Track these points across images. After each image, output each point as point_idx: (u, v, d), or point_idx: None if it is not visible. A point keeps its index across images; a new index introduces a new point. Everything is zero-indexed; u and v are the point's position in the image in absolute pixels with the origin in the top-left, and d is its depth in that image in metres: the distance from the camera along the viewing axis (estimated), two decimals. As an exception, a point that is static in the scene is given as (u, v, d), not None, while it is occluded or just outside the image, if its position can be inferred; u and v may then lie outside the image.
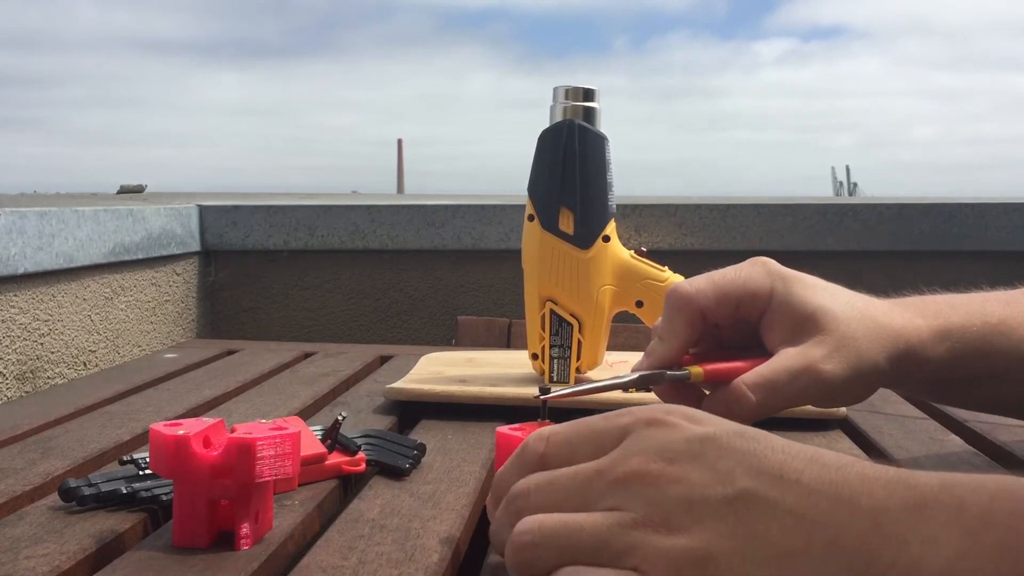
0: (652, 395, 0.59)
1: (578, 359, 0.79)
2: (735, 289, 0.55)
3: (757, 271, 0.56)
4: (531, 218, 0.79)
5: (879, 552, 0.31)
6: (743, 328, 0.57)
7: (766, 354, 0.55)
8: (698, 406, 0.54)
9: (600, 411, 0.65)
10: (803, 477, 0.34)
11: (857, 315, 0.54)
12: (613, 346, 0.85)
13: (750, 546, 0.33)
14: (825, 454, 0.35)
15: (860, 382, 0.54)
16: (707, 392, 0.56)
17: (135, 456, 0.55)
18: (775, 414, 0.54)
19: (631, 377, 0.55)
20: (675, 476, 0.35)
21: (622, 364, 0.85)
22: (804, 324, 0.54)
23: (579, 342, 0.79)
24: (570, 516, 0.36)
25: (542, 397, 0.51)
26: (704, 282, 0.56)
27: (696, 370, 0.55)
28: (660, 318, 0.57)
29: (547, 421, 0.49)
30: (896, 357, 0.54)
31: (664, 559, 0.34)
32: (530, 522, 0.37)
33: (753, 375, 0.53)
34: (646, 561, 0.34)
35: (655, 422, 0.38)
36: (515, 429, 0.50)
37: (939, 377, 0.57)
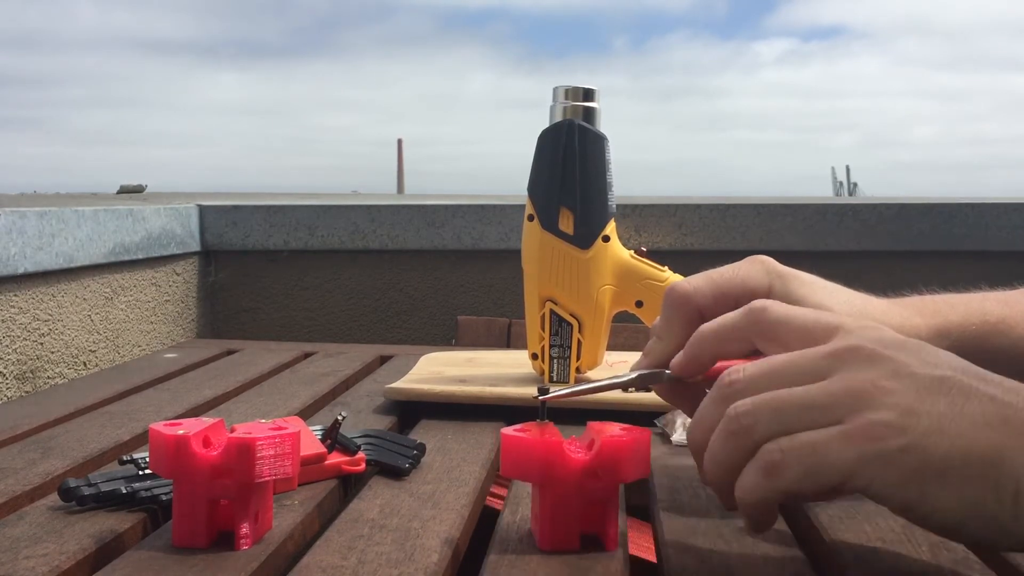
0: (652, 395, 0.59)
1: (578, 359, 0.79)
2: (733, 287, 0.56)
3: (756, 269, 0.56)
4: (531, 218, 0.79)
5: None
6: None
7: (767, 353, 0.55)
8: (697, 405, 0.54)
9: (600, 411, 0.65)
10: (1004, 382, 0.39)
11: (855, 313, 0.54)
12: (613, 346, 0.85)
13: (951, 411, 0.37)
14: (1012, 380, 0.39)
15: None
16: (708, 391, 0.56)
17: (135, 456, 0.55)
18: None
19: (630, 376, 0.55)
20: (889, 355, 0.39)
21: (622, 364, 0.85)
22: None
23: (579, 342, 0.79)
24: (779, 390, 0.40)
25: (541, 398, 0.51)
26: (702, 281, 0.56)
27: None
28: (658, 317, 0.57)
29: (547, 421, 0.49)
30: None
31: (867, 410, 0.37)
32: (743, 400, 0.41)
33: None
34: (850, 414, 0.37)
35: (864, 326, 0.42)
36: (519, 430, 0.50)
37: None
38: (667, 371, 0.55)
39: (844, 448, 0.37)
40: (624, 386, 0.54)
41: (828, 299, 0.54)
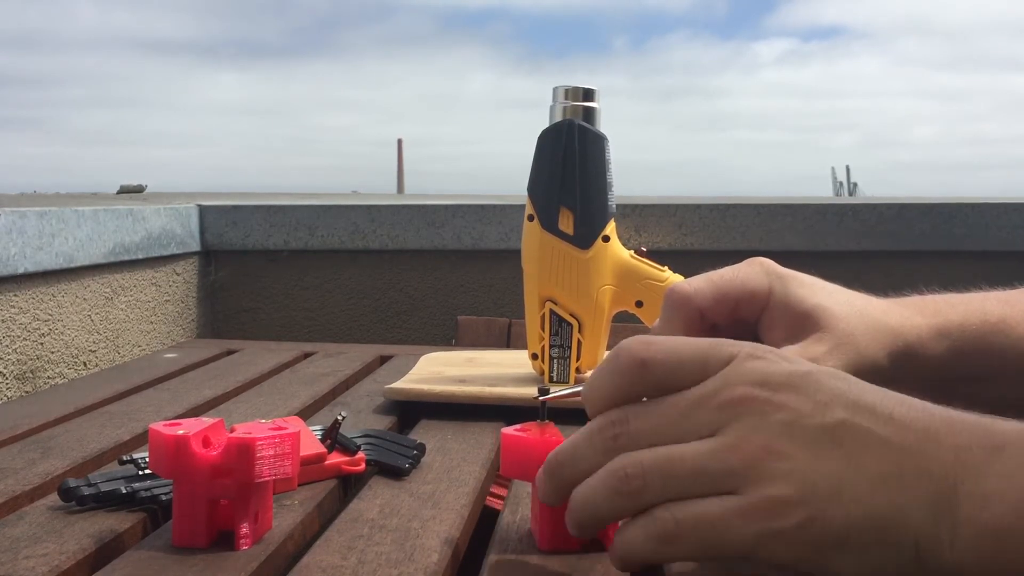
0: None
1: (578, 359, 0.79)
2: (733, 289, 0.56)
3: (755, 271, 0.56)
4: (531, 218, 0.79)
5: (960, 481, 0.34)
6: (743, 328, 0.57)
7: None
8: None
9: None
10: (895, 413, 0.37)
11: (856, 313, 0.54)
12: (613, 346, 0.84)
13: (846, 468, 0.35)
14: (912, 399, 0.38)
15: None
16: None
17: (135, 456, 0.55)
18: None
19: None
20: (779, 403, 0.37)
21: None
22: (803, 323, 0.54)
23: (579, 342, 0.79)
24: (670, 447, 0.38)
25: (541, 398, 0.51)
26: (702, 282, 0.56)
27: None
28: (658, 319, 0.57)
29: (548, 422, 0.49)
30: (895, 355, 0.55)
31: (762, 481, 0.36)
32: (635, 456, 0.38)
33: None
34: (745, 484, 0.36)
35: (756, 356, 0.40)
36: (519, 430, 0.50)
37: (938, 375, 0.57)
38: None
39: (743, 525, 0.36)
40: None
41: (828, 300, 0.55)
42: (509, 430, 0.49)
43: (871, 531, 0.35)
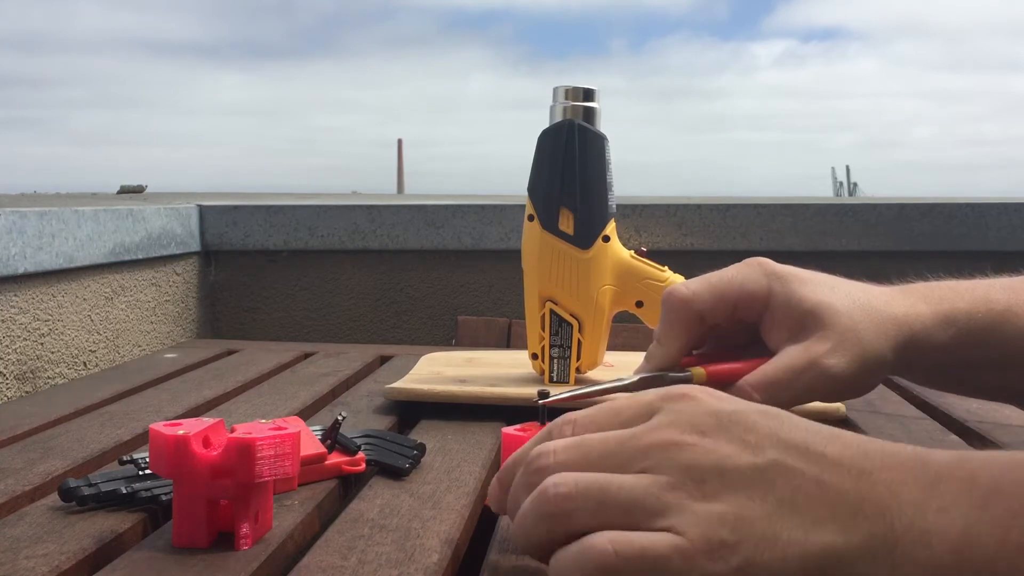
0: None
1: (578, 359, 0.79)
2: (731, 291, 0.55)
3: (753, 272, 0.56)
4: (531, 218, 0.79)
5: (897, 521, 0.33)
6: (745, 328, 0.57)
7: (772, 353, 0.55)
8: None
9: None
10: (827, 451, 0.36)
11: (858, 307, 0.54)
12: (613, 346, 0.84)
13: (780, 511, 0.34)
14: (845, 434, 0.37)
15: (866, 373, 0.54)
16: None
17: (135, 456, 0.55)
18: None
19: (632, 380, 0.55)
20: (707, 447, 0.36)
21: (622, 364, 0.85)
22: (805, 321, 0.54)
23: (579, 342, 0.79)
24: (607, 474, 0.37)
25: (541, 401, 0.51)
26: (700, 284, 0.56)
27: (698, 371, 0.55)
28: (659, 323, 0.57)
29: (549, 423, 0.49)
30: (900, 345, 0.54)
31: (699, 522, 0.35)
32: (564, 476, 0.37)
33: (756, 375, 0.53)
34: (681, 523, 0.35)
35: (681, 396, 0.39)
36: (520, 430, 0.50)
37: (944, 363, 0.57)
38: (669, 374, 0.55)
39: (683, 566, 0.34)
40: (625, 390, 0.54)
41: (829, 296, 0.54)
42: (510, 429, 0.49)
43: (810, 571, 0.34)
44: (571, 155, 0.78)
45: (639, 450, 0.37)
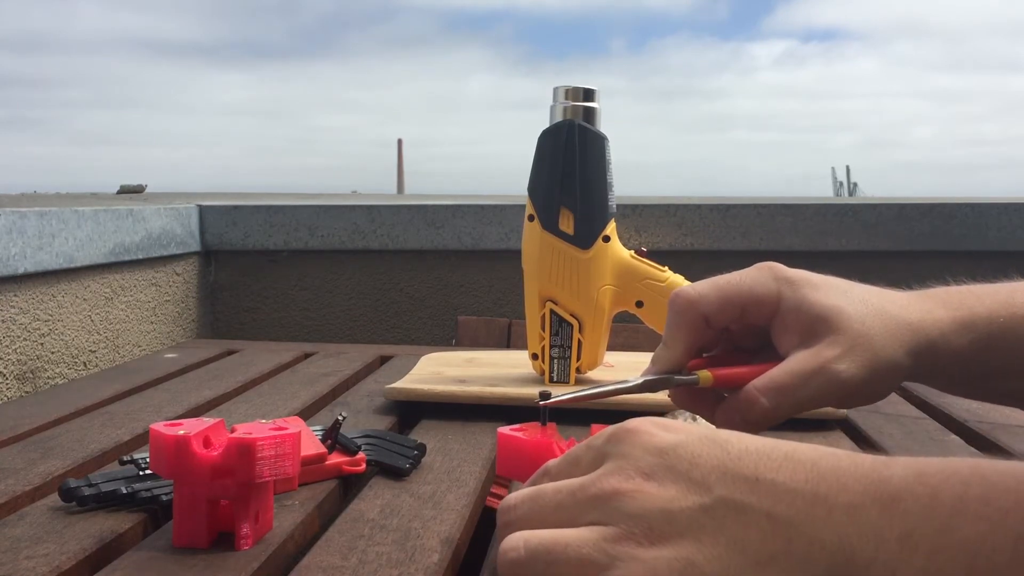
0: (656, 396, 0.59)
1: (578, 359, 0.79)
2: (740, 295, 0.55)
3: (763, 276, 0.55)
4: (531, 218, 0.79)
5: (858, 550, 0.32)
6: (757, 333, 0.56)
7: (783, 358, 0.54)
8: (715, 410, 0.54)
9: (605, 413, 0.65)
10: (778, 476, 0.34)
11: (872, 312, 0.53)
12: (613, 346, 0.84)
13: (731, 551, 0.33)
14: (799, 449, 0.35)
15: (879, 380, 0.53)
16: (726, 395, 0.55)
17: (135, 456, 0.55)
18: (792, 417, 0.53)
19: (635, 382, 0.55)
20: (652, 492, 0.35)
21: (622, 364, 0.85)
22: (816, 326, 0.53)
23: (579, 342, 0.79)
24: (555, 532, 0.37)
25: (542, 403, 0.51)
26: (708, 287, 0.55)
27: (705, 375, 0.54)
28: (665, 325, 0.57)
29: (550, 424, 0.49)
30: (916, 351, 0.53)
31: (647, 570, 0.34)
32: (515, 539, 0.37)
33: (764, 379, 0.53)
34: (631, 573, 0.34)
35: (625, 434, 0.38)
36: (516, 430, 0.50)
37: (963, 370, 0.55)
38: (676, 376, 0.55)
39: None
40: (630, 392, 0.54)
41: (841, 300, 0.53)
42: (505, 429, 0.49)
43: None
44: (571, 155, 0.78)
45: (587, 502, 0.37)
